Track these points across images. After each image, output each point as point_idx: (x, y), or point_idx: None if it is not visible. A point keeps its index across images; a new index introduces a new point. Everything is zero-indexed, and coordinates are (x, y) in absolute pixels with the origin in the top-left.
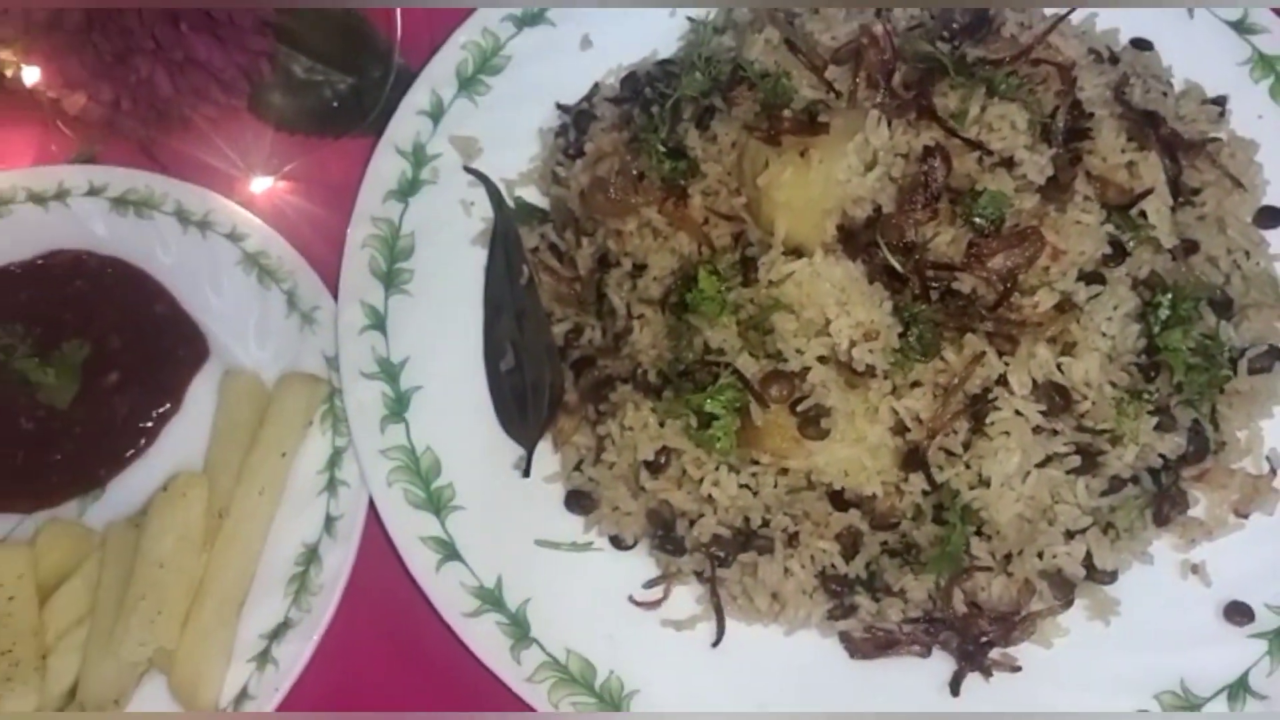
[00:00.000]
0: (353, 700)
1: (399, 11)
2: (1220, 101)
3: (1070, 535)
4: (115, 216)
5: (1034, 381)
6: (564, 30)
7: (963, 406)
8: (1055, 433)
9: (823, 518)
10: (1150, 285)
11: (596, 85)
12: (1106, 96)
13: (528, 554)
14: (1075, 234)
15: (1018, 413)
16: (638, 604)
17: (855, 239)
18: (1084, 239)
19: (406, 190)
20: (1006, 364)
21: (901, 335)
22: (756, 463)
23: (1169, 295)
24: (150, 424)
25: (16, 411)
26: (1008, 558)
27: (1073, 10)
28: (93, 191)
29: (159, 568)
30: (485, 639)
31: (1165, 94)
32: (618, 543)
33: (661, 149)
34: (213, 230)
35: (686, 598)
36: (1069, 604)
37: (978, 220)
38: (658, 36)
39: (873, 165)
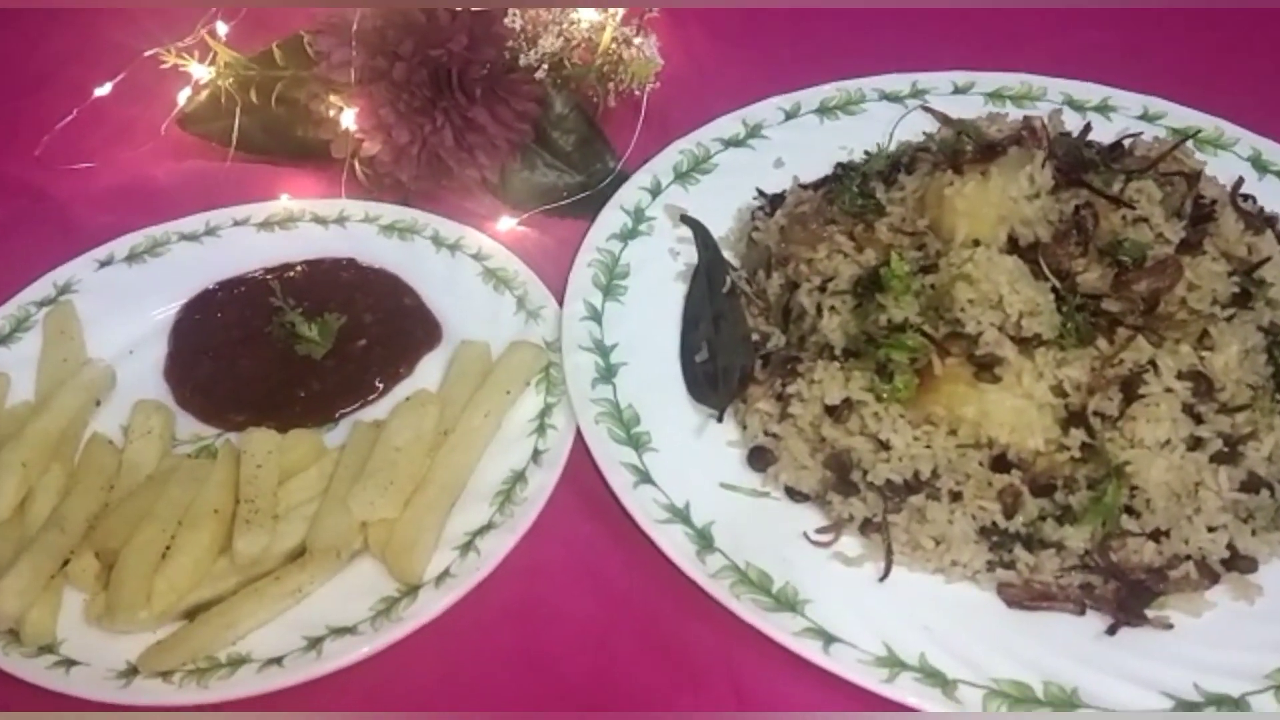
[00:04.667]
0: (544, 587)
1: (636, 134)
2: None
3: (1212, 530)
4: (381, 238)
5: (1179, 371)
6: (761, 154)
7: (1117, 378)
8: (1200, 420)
9: (984, 481)
10: (1272, 332)
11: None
12: (1225, 199)
13: (713, 492)
14: (1207, 276)
15: (1167, 389)
16: (811, 541)
17: (1022, 254)
18: (1215, 281)
19: (627, 235)
20: (1155, 350)
21: (1061, 326)
22: (930, 423)
23: None
24: (383, 383)
25: (278, 357)
26: (1155, 535)
27: (1197, 133)
28: (366, 220)
29: (395, 451)
30: (674, 543)
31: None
32: (793, 495)
33: (854, 189)
34: (461, 251)
35: (854, 544)
36: (1215, 581)
37: (1122, 259)
38: None
39: (1037, 195)
